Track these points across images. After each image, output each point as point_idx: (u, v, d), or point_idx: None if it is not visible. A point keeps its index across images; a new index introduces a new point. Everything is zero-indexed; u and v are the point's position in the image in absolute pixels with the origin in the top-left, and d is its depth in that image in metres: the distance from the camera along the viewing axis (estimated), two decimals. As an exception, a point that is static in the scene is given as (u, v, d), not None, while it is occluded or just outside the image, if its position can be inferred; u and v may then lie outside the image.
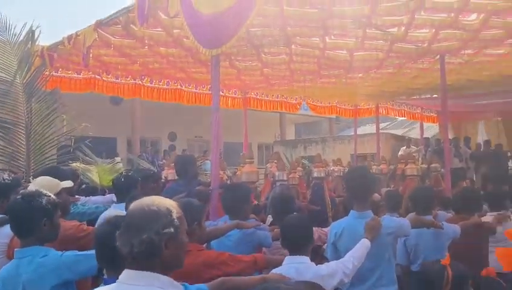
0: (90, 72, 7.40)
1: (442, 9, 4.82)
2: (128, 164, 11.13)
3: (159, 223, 1.35)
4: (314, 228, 2.62)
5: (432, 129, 14.79)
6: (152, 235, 1.33)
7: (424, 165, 7.72)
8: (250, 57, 6.62)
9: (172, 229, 1.36)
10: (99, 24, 5.18)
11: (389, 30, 5.49)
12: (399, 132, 18.95)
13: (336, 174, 7.51)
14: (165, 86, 8.45)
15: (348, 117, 12.70)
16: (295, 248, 2.41)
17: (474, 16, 5.10)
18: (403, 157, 8.44)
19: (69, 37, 5.69)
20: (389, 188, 6.61)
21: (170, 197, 1.58)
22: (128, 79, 7.96)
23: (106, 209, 3.53)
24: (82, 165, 6.66)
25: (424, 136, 12.32)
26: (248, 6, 3.45)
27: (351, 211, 2.79)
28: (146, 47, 5.99)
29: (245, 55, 6.49)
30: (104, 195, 5.09)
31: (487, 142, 11.04)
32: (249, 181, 5.02)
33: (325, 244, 3.02)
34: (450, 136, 11.80)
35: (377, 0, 4.48)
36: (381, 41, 5.89)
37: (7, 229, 2.42)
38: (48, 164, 5.57)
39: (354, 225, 2.70)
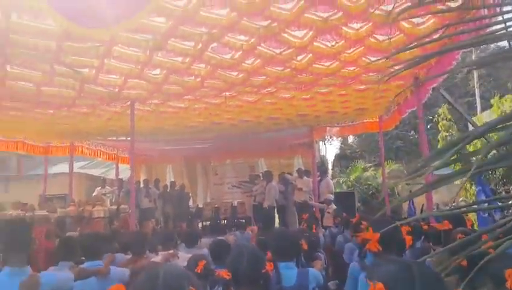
0: None
1: (129, 60, 5.14)
2: None
3: None
4: None
5: (129, 171, 15.09)
6: None
7: (114, 207, 7.79)
8: None
9: None
10: None
11: (80, 70, 5.41)
12: (97, 171, 18.49)
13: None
14: None
15: (38, 155, 11.51)
16: None
17: (158, 71, 5.68)
18: (91, 199, 8.28)
19: None
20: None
21: None
22: None
23: None
24: None
25: (120, 176, 12.44)
26: None
27: (5, 267, 2.41)
28: None
29: None
30: None
31: (172, 183, 12.14)
32: None
33: None
34: (143, 178, 12.43)
35: (65, 37, 4.35)
36: (72, 80, 5.72)
37: None
38: None
39: (7, 285, 2.33)
